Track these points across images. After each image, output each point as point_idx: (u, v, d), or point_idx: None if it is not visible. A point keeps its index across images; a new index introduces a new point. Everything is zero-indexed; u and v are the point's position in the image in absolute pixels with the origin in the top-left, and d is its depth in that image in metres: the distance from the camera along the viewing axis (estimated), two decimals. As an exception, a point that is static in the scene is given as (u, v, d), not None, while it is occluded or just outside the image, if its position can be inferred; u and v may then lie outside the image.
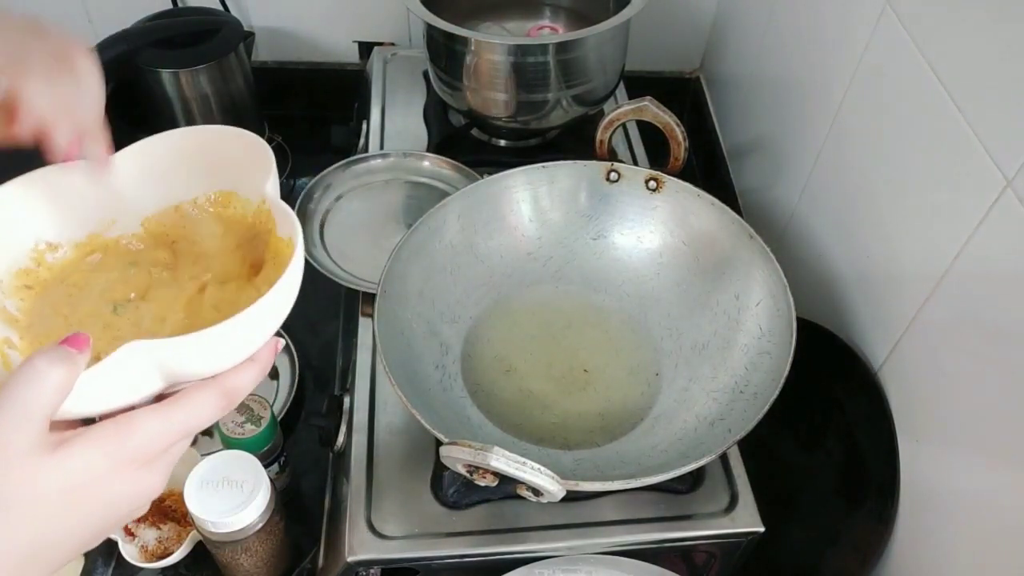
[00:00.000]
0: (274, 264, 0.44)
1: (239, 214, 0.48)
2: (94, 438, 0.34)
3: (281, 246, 0.44)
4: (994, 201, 0.50)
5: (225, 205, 0.48)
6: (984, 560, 0.52)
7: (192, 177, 0.48)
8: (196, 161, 0.47)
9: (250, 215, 0.47)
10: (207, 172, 0.48)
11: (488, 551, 0.60)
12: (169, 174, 0.47)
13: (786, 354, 0.59)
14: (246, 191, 0.47)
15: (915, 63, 0.59)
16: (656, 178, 0.72)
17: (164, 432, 0.36)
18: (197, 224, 0.48)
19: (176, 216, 0.48)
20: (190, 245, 0.48)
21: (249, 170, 0.45)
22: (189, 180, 0.48)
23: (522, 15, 1.01)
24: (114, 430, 0.34)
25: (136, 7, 1.02)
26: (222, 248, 0.47)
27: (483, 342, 0.71)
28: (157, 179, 0.47)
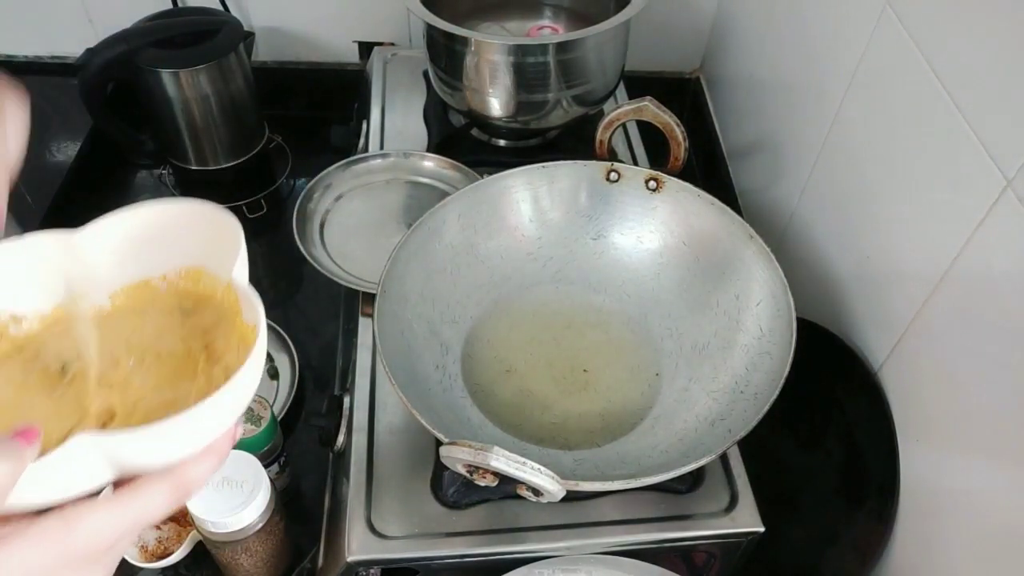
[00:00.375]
0: (238, 351, 0.43)
1: (207, 292, 0.47)
2: (36, 535, 0.32)
3: (246, 331, 0.43)
4: (994, 201, 0.50)
5: (195, 281, 0.47)
6: (984, 560, 0.52)
7: (163, 252, 0.47)
8: (167, 236, 0.46)
9: (218, 293, 0.46)
10: (179, 248, 0.47)
11: (488, 551, 0.60)
12: (140, 248, 0.46)
13: (786, 354, 0.59)
14: (215, 267, 0.46)
15: (915, 63, 0.59)
16: (656, 178, 0.72)
17: (112, 527, 0.34)
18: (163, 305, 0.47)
19: (145, 291, 0.48)
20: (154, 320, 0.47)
21: (219, 247, 0.44)
22: (160, 255, 0.47)
23: (522, 15, 1.01)
24: (59, 526, 0.33)
25: (136, 7, 1.02)
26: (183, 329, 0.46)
27: (483, 342, 0.71)
28: (128, 253, 0.47)
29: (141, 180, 1.18)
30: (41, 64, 1.22)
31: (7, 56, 1.22)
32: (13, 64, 1.22)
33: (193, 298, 0.47)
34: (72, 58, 1.07)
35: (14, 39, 1.20)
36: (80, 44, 0.99)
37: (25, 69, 1.22)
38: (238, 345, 0.43)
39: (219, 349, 0.45)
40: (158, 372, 0.45)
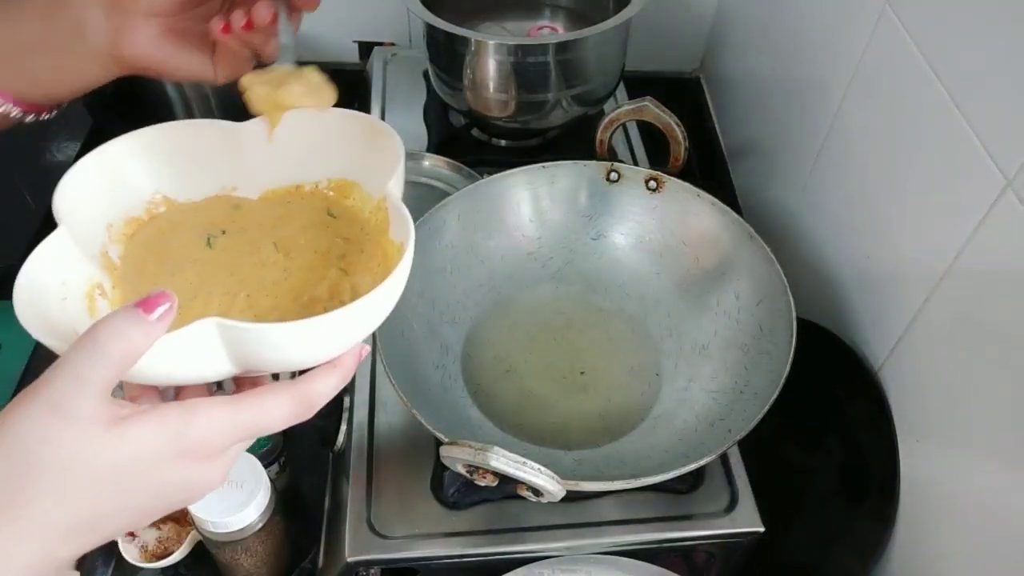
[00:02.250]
0: (381, 266, 0.43)
1: (356, 207, 0.47)
2: (155, 421, 0.32)
3: (391, 249, 0.43)
4: (994, 201, 0.50)
5: (346, 195, 0.47)
6: (984, 560, 0.52)
7: (321, 160, 0.47)
8: (328, 145, 0.47)
9: (367, 211, 0.46)
10: (336, 158, 0.47)
11: (488, 551, 0.60)
12: (298, 152, 0.47)
13: (786, 354, 0.59)
14: (369, 186, 0.46)
15: (915, 63, 0.59)
16: (656, 178, 0.72)
17: (229, 428, 0.34)
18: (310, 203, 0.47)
19: (296, 194, 0.48)
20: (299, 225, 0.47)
21: (377, 165, 0.44)
22: (317, 162, 0.47)
23: (522, 15, 1.00)
24: (177, 416, 0.32)
25: (136, 7, 1.02)
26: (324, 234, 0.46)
27: (483, 342, 0.71)
28: (286, 154, 0.47)
29: (141, 180, 1.18)
30: (41, 64, 1.22)
31: (7, 56, 1.21)
32: (13, 64, 1.22)
33: (341, 207, 0.47)
34: (72, 58, 1.06)
35: (14, 39, 1.20)
36: (80, 44, 0.99)
37: (25, 69, 1.22)
38: (379, 264, 0.43)
39: (354, 262, 0.44)
40: (295, 263, 0.44)
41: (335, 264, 0.44)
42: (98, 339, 0.31)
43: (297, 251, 0.45)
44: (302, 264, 0.44)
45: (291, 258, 0.44)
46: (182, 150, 0.46)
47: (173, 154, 0.46)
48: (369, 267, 0.44)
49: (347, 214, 0.47)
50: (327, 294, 0.43)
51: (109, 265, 0.43)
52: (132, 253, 0.44)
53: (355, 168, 0.47)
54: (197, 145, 0.46)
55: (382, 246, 0.44)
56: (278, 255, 0.44)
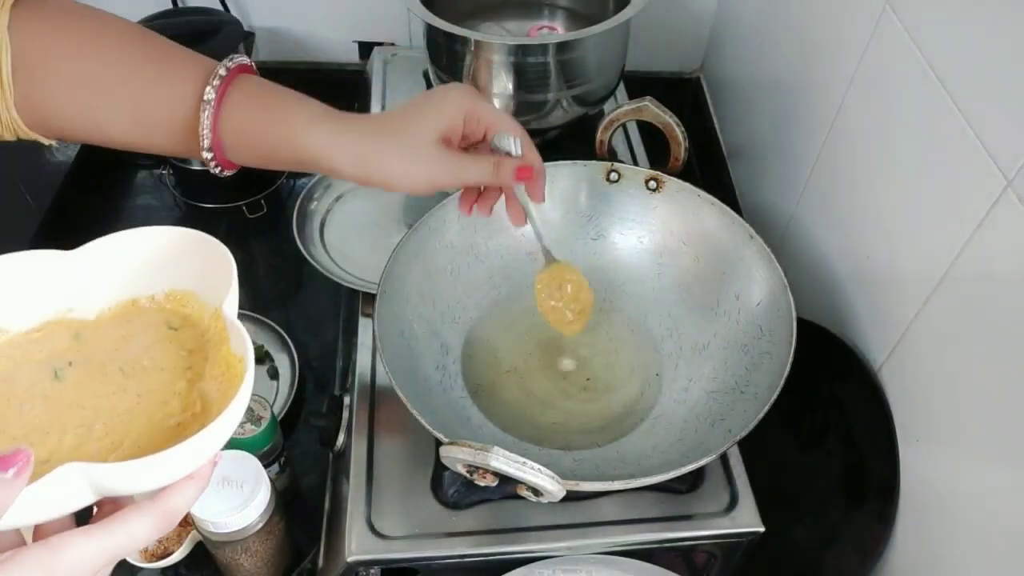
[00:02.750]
0: (224, 375, 0.44)
1: (195, 316, 0.48)
2: (22, 563, 0.32)
3: (232, 360, 0.44)
4: (994, 201, 0.50)
5: (183, 304, 0.48)
6: (984, 560, 0.52)
7: (154, 276, 0.48)
8: (159, 261, 0.47)
9: (206, 318, 0.47)
10: (169, 271, 0.48)
11: (488, 551, 0.60)
12: (131, 269, 0.48)
13: (786, 354, 0.59)
14: (205, 295, 0.47)
15: (915, 63, 0.59)
16: (656, 178, 0.72)
17: (97, 555, 0.34)
18: (149, 320, 0.48)
19: (133, 310, 0.48)
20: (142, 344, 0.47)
21: (210, 276, 0.45)
22: (151, 279, 0.48)
23: (522, 15, 1.01)
24: (45, 555, 0.33)
25: (136, 7, 1.02)
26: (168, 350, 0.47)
27: (483, 342, 0.71)
28: (120, 275, 0.48)
29: (141, 180, 1.18)
30: (41, 64, 1.22)
31: (7, 56, 1.21)
32: (13, 64, 1.22)
33: (180, 317, 0.48)
34: (72, 58, 1.06)
35: (14, 39, 1.20)
36: (80, 44, 0.99)
37: (25, 69, 1.22)
38: (222, 374, 0.44)
39: (199, 371, 0.45)
40: (145, 385, 0.45)
41: (183, 376, 0.45)
42: None
43: (144, 373, 0.46)
44: (151, 385, 0.45)
45: (140, 381, 0.45)
46: (11, 280, 0.46)
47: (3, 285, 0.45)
48: (214, 375, 0.44)
49: (187, 323, 0.48)
50: (179, 408, 0.44)
51: None
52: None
53: (190, 279, 0.48)
54: (28, 274, 0.46)
55: (224, 356, 0.45)
56: (127, 380, 0.45)
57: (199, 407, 0.43)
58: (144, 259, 0.48)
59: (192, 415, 0.43)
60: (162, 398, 0.44)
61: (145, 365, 0.46)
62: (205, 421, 0.38)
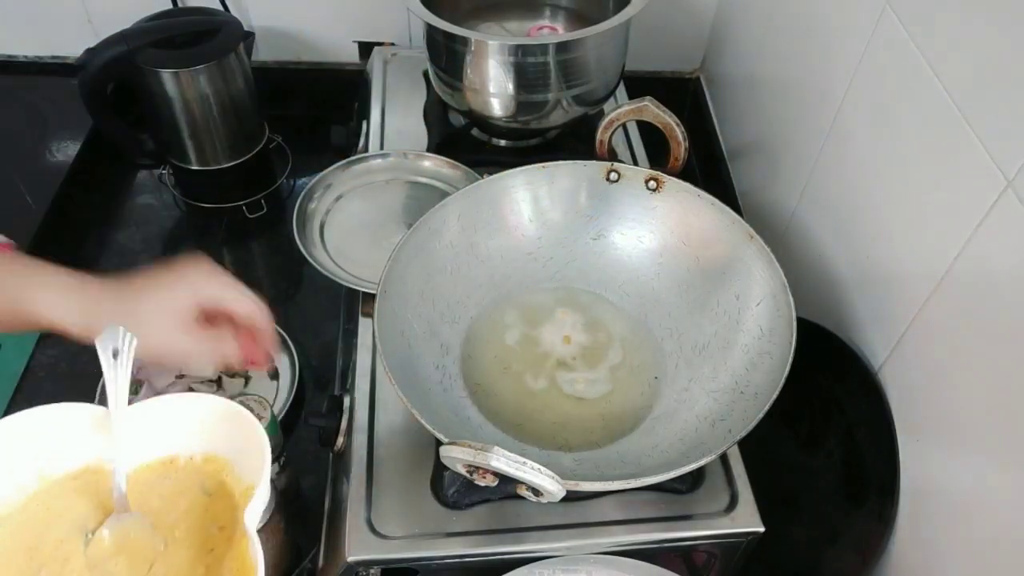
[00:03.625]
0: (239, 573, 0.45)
1: (229, 486, 0.49)
2: None
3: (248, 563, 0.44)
4: (994, 201, 0.50)
5: (220, 470, 0.50)
6: (984, 560, 0.52)
7: (192, 436, 0.50)
8: (200, 424, 0.49)
9: (238, 493, 0.48)
10: (207, 435, 0.50)
11: (488, 551, 0.60)
12: (170, 430, 0.49)
13: (786, 354, 0.59)
14: (239, 467, 0.49)
15: (915, 63, 0.59)
16: (656, 178, 0.72)
17: None
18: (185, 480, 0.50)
19: (171, 468, 0.50)
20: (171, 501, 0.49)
21: (247, 453, 0.47)
22: (189, 438, 0.50)
23: (522, 15, 1.01)
24: None
25: (136, 7, 1.02)
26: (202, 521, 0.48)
27: (483, 342, 0.71)
28: (158, 432, 0.49)
29: (141, 180, 1.18)
30: (41, 64, 1.22)
31: (7, 56, 1.21)
32: (13, 64, 1.22)
33: (216, 483, 0.50)
34: (72, 58, 1.07)
35: (14, 39, 1.20)
36: (80, 44, 0.99)
37: (25, 69, 1.22)
38: (238, 569, 0.45)
39: (220, 557, 0.46)
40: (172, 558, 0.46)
41: (203, 560, 0.47)
42: None
43: (175, 545, 0.47)
44: (177, 561, 0.46)
45: (168, 553, 0.47)
46: (53, 430, 0.47)
47: (44, 435, 0.47)
48: (231, 567, 0.45)
49: (221, 491, 0.49)
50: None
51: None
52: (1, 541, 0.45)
53: (226, 447, 0.50)
54: (68, 424, 0.48)
55: (242, 552, 0.46)
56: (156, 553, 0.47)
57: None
58: (185, 422, 0.49)
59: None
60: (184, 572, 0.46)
61: (177, 536, 0.47)
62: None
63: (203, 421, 0.49)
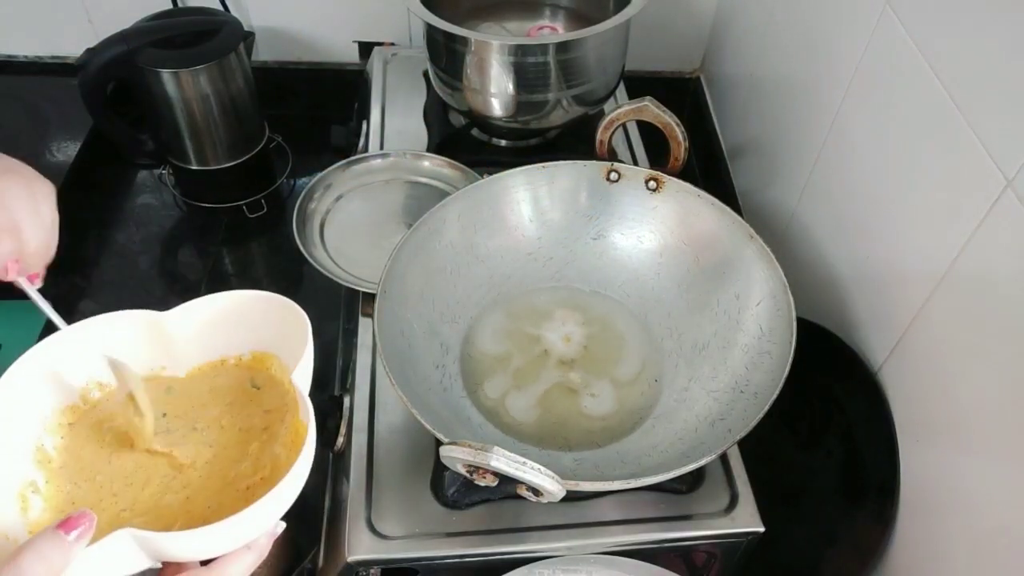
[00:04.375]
0: (294, 443, 0.46)
1: (277, 376, 0.51)
2: None
3: (300, 429, 0.46)
4: (994, 201, 0.50)
5: (267, 365, 0.51)
6: (983, 560, 0.52)
7: (239, 336, 0.51)
8: (243, 322, 0.51)
9: (287, 380, 0.50)
10: (253, 332, 0.51)
11: (488, 551, 0.60)
12: (219, 330, 0.51)
13: (786, 354, 0.59)
14: (286, 358, 0.50)
15: (915, 63, 0.59)
16: (656, 178, 0.72)
17: None
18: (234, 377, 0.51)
19: (221, 368, 0.52)
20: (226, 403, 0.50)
21: (291, 340, 0.49)
22: (236, 338, 0.51)
23: (522, 15, 1.01)
24: None
25: (136, 7, 1.02)
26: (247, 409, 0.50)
27: (483, 342, 0.71)
28: (208, 334, 0.51)
29: (141, 180, 1.18)
30: (41, 64, 1.22)
31: (7, 56, 1.22)
32: (13, 64, 1.22)
33: (264, 376, 0.51)
34: (72, 58, 1.07)
35: (14, 39, 1.20)
36: (80, 44, 0.99)
37: (25, 69, 1.22)
38: (292, 441, 0.46)
39: (275, 432, 0.48)
40: (222, 441, 0.48)
41: (258, 437, 0.48)
42: (21, 565, 0.34)
43: (225, 430, 0.49)
44: (229, 442, 0.48)
45: (219, 438, 0.48)
46: (110, 339, 0.48)
47: (101, 343, 0.48)
48: (284, 441, 0.47)
49: (270, 383, 0.51)
50: (251, 470, 0.46)
51: (43, 459, 0.45)
52: (71, 443, 0.47)
53: (273, 341, 0.51)
54: (124, 333, 0.49)
55: (294, 424, 0.47)
56: (210, 435, 0.48)
57: (268, 471, 0.45)
58: (232, 320, 0.51)
59: (261, 479, 0.45)
60: (236, 456, 0.47)
61: (225, 424, 0.49)
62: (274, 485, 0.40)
63: (245, 318, 0.50)
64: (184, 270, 1.08)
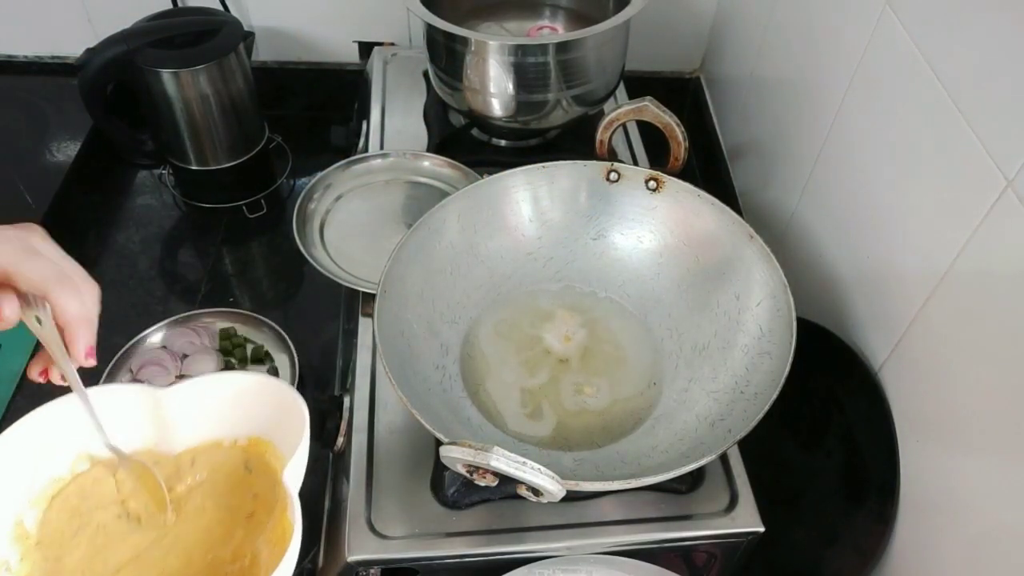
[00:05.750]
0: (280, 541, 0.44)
1: (272, 465, 0.49)
2: None
3: (288, 528, 0.44)
4: (994, 201, 0.50)
5: (262, 451, 0.50)
6: (983, 560, 0.52)
7: (239, 418, 0.49)
8: (245, 405, 0.49)
9: (280, 471, 0.48)
10: (252, 418, 0.49)
11: (488, 551, 0.60)
12: (218, 411, 0.49)
13: (786, 354, 0.59)
14: (282, 447, 0.49)
15: (915, 63, 0.59)
16: (656, 178, 0.72)
17: None
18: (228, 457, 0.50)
19: (215, 450, 0.50)
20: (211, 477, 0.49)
21: (288, 430, 0.47)
22: (235, 420, 0.50)
23: (522, 15, 1.01)
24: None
25: (136, 7, 1.02)
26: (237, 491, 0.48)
27: (483, 342, 0.71)
28: (206, 414, 0.49)
29: (141, 180, 1.18)
30: (41, 64, 1.22)
31: (7, 56, 1.22)
32: (13, 64, 1.22)
33: (259, 460, 0.49)
34: (72, 58, 1.07)
35: (14, 39, 1.20)
36: (80, 44, 0.99)
37: (25, 69, 1.22)
38: (280, 536, 0.45)
39: (261, 523, 0.46)
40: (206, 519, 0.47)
41: (243, 524, 0.47)
42: None
43: (211, 507, 0.47)
44: (213, 520, 0.47)
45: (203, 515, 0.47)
46: (105, 411, 0.47)
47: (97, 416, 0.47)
48: (271, 538, 0.45)
49: (263, 468, 0.49)
50: (230, 556, 0.45)
51: (21, 535, 0.44)
52: (51, 516, 0.45)
53: (270, 428, 0.49)
54: (119, 406, 0.47)
55: (283, 521, 0.45)
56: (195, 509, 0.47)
57: (248, 562, 0.44)
58: (232, 403, 0.49)
59: (240, 568, 0.44)
60: (220, 536, 0.46)
61: (211, 504, 0.47)
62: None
63: (241, 399, 0.49)
64: (184, 270, 1.08)
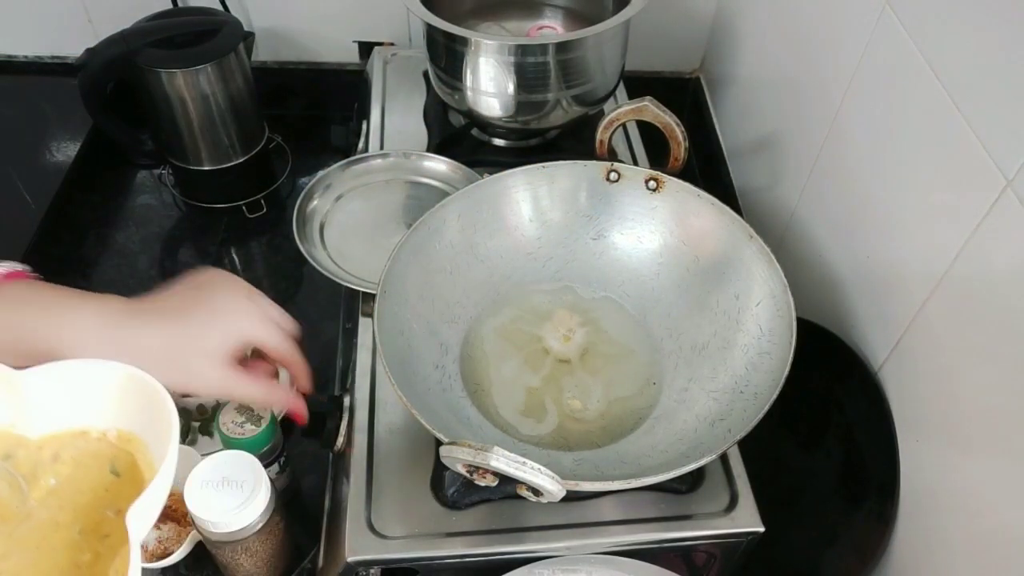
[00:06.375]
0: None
1: (140, 471, 0.45)
2: None
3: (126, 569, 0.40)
4: (994, 201, 0.50)
5: (134, 450, 0.46)
6: (984, 560, 0.52)
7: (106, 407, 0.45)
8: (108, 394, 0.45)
9: (148, 478, 0.44)
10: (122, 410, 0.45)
11: (488, 551, 0.60)
12: (83, 398, 0.45)
13: (786, 354, 0.59)
14: (155, 449, 0.44)
15: (915, 63, 0.59)
16: (656, 178, 0.72)
17: None
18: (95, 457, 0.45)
19: (81, 440, 0.46)
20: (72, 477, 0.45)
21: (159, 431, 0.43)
22: (103, 409, 0.45)
23: (522, 15, 1.01)
24: None
25: (136, 7, 1.02)
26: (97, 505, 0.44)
27: (483, 342, 0.71)
28: (71, 399, 0.45)
29: (141, 180, 1.18)
30: (41, 64, 1.22)
31: (7, 56, 1.22)
32: (13, 64, 1.22)
33: (126, 464, 0.45)
34: (72, 58, 1.07)
35: (14, 39, 1.20)
36: (80, 44, 0.99)
37: (25, 69, 1.22)
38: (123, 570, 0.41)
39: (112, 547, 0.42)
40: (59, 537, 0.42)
41: (93, 547, 0.42)
42: None
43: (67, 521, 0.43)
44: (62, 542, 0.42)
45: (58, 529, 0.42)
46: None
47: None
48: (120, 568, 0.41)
49: (130, 474, 0.45)
50: None
51: None
52: None
53: (142, 427, 0.45)
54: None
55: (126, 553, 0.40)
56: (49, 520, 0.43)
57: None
58: (97, 391, 0.45)
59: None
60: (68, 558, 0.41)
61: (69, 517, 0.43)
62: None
63: (109, 390, 0.44)
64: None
